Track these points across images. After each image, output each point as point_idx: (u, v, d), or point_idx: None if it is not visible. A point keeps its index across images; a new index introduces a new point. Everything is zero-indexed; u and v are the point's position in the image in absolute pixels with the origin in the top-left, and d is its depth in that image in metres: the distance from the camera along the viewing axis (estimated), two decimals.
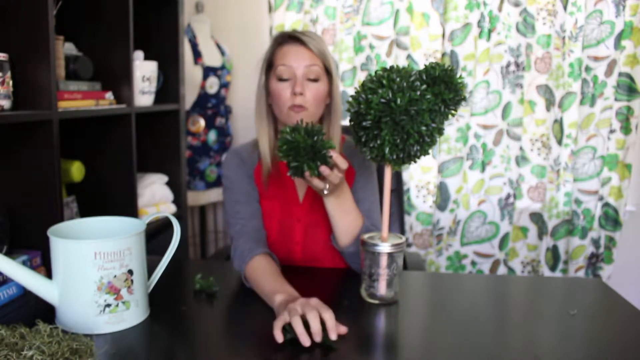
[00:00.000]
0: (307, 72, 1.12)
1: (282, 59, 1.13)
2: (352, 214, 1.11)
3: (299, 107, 1.12)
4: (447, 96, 0.92)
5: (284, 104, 1.13)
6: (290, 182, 1.22)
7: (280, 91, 1.13)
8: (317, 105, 1.15)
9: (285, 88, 1.13)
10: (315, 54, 1.13)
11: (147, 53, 1.65)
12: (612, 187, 2.21)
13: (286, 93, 1.13)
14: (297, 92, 1.11)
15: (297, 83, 1.12)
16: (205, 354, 0.82)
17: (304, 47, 1.13)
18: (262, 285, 1.02)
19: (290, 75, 1.13)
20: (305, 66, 1.12)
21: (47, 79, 1.15)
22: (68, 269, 0.85)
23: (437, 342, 0.87)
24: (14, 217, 1.18)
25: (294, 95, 1.11)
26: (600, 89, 2.13)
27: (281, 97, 1.13)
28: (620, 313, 0.99)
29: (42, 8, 1.13)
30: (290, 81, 1.13)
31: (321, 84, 1.15)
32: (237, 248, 1.12)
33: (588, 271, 2.29)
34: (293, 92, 1.11)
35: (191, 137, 2.17)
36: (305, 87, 1.12)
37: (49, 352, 0.69)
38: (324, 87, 1.15)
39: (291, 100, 1.12)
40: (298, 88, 1.11)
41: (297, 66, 1.12)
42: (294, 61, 1.12)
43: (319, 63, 1.14)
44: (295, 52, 1.13)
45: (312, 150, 0.92)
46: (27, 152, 1.18)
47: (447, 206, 2.24)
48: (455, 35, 2.11)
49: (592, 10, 2.09)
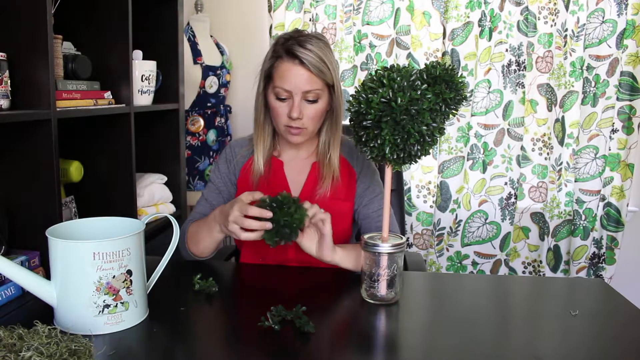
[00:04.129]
0: (305, 95, 1.12)
1: (280, 80, 1.11)
2: (353, 252, 1.12)
3: (297, 130, 1.14)
4: (447, 95, 0.91)
5: (281, 122, 1.15)
6: (283, 181, 1.22)
7: (278, 109, 1.14)
8: (315, 123, 1.16)
9: (282, 107, 1.13)
10: (315, 74, 1.10)
11: (146, 52, 1.64)
12: (614, 187, 2.20)
13: (283, 112, 1.13)
14: (293, 117, 1.11)
15: (294, 108, 1.11)
16: (204, 355, 0.82)
17: (303, 68, 1.10)
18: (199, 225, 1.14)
19: (288, 96, 1.12)
20: (304, 92, 1.11)
21: (46, 79, 1.15)
22: (67, 269, 0.84)
23: (437, 343, 0.86)
24: (13, 217, 1.17)
25: (291, 118, 1.12)
26: (602, 88, 2.13)
27: (279, 115, 1.14)
28: (622, 314, 0.99)
29: (40, 7, 1.12)
30: (288, 101, 1.13)
31: (320, 103, 1.14)
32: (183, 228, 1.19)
33: (590, 272, 2.28)
34: (289, 116, 1.12)
35: (190, 137, 2.16)
36: (303, 108, 1.12)
37: (47, 353, 0.68)
38: (323, 105, 1.15)
39: (288, 121, 1.14)
40: (295, 113, 1.11)
41: (295, 91, 1.11)
42: (291, 85, 1.10)
43: (318, 84, 1.12)
44: (294, 75, 1.10)
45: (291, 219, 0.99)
46: (26, 152, 1.17)
47: (448, 206, 2.24)
48: (456, 34, 2.10)
49: (594, 9, 2.08)
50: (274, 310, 0.89)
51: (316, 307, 0.96)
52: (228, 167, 1.26)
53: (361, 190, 1.23)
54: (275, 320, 0.86)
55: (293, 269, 1.17)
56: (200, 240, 1.15)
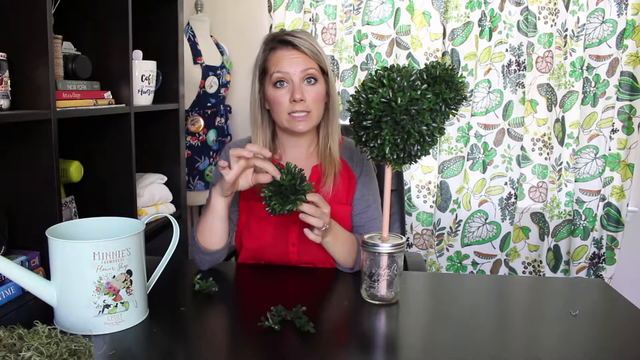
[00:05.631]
0: (304, 76, 1.12)
1: (276, 65, 1.12)
2: (348, 241, 1.13)
3: (302, 115, 1.13)
4: (447, 95, 0.91)
5: (284, 111, 1.13)
6: None
7: (279, 98, 1.13)
8: (318, 107, 1.15)
9: (283, 94, 1.12)
10: (310, 56, 1.12)
11: (146, 52, 1.64)
12: (614, 187, 2.20)
13: (285, 99, 1.12)
14: (297, 98, 1.10)
15: (296, 89, 1.11)
16: (204, 355, 0.82)
17: (297, 50, 1.11)
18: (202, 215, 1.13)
19: (287, 81, 1.12)
20: (302, 70, 1.11)
21: (46, 79, 1.15)
22: (66, 269, 0.84)
23: (437, 343, 0.86)
24: (12, 217, 1.17)
25: (294, 102, 1.11)
26: (602, 88, 2.13)
27: (280, 104, 1.13)
28: (622, 314, 0.99)
29: (40, 7, 1.12)
30: (288, 87, 1.12)
31: (319, 85, 1.14)
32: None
33: (590, 272, 2.28)
34: (293, 99, 1.11)
35: (190, 137, 2.16)
36: (304, 91, 1.12)
37: (47, 353, 0.68)
38: (322, 88, 1.15)
39: (291, 107, 1.12)
40: (298, 95, 1.10)
41: (294, 72, 1.11)
42: (289, 67, 1.11)
43: (314, 65, 1.13)
44: (289, 57, 1.11)
45: (295, 189, 0.98)
46: (26, 152, 1.17)
47: (448, 206, 2.24)
48: (456, 34, 2.10)
49: (594, 9, 2.08)
50: (274, 310, 0.89)
51: (316, 307, 0.96)
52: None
53: (357, 196, 1.23)
54: (275, 320, 0.86)
55: (293, 269, 1.17)
56: (205, 225, 1.12)
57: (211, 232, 1.11)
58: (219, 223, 1.10)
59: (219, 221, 1.10)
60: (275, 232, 1.19)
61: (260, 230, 1.19)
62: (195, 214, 2.41)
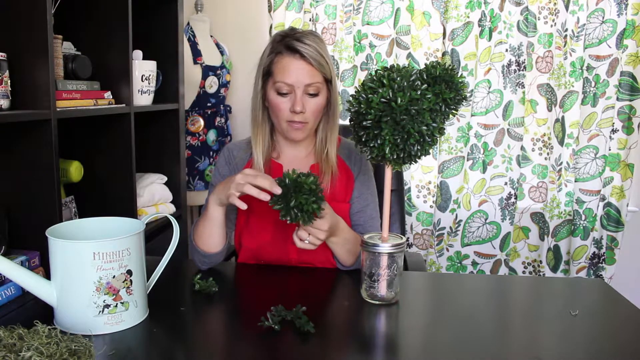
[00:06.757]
0: (307, 89, 1.12)
1: (280, 74, 1.11)
2: (351, 238, 1.13)
3: (299, 125, 1.14)
4: (447, 95, 0.91)
5: (282, 118, 1.14)
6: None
7: (279, 104, 1.13)
8: (316, 118, 1.17)
9: (284, 102, 1.13)
10: (315, 67, 1.11)
11: (146, 52, 1.64)
12: (614, 187, 2.20)
13: (285, 107, 1.13)
14: (297, 110, 1.11)
15: (297, 101, 1.11)
16: (204, 355, 0.82)
17: (303, 61, 1.10)
18: (200, 218, 1.14)
19: (289, 91, 1.12)
20: (306, 85, 1.11)
21: (46, 79, 1.15)
22: (66, 269, 0.84)
23: (437, 343, 0.86)
24: (13, 217, 1.17)
25: (294, 113, 1.12)
26: (602, 88, 2.13)
27: (280, 110, 1.14)
28: (622, 314, 0.99)
29: (40, 7, 1.12)
30: (290, 96, 1.13)
31: (320, 97, 1.15)
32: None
33: (590, 272, 2.28)
34: (293, 110, 1.12)
35: (190, 137, 2.16)
36: (305, 102, 1.12)
37: (47, 353, 0.68)
38: (323, 99, 1.15)
39: (290, 116, 1.13)
40: (298, 107, 1.11)
41: (298, 85, 1.11)
42: (293, 78, 1.11)
43: (319, 78, 1.13)
44: (295, 68, 1.11)
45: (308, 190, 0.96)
46: (26, 152, 1.17)
47: (448, 206, 2.24)
48: (456, 34, 2.10)
49: (594, 9, 2.08)
50: (274, 310, 0.89)
51: (316, 307, 0.96)
52: (229, 168, 1.25)
53: (355, 195, 1.23)
54: (275, 320, 0.86)
55: (293, 269, 1.17)
56: (204, 230, 1.12)
57: (209, 237, 1.13)
58: (217, 229, 1.12)
59: (217, 227, 1.12)
60: (275, 231, 1.19)
61: (259, 229, 1.19)
62: (195, 213, 2.41)
